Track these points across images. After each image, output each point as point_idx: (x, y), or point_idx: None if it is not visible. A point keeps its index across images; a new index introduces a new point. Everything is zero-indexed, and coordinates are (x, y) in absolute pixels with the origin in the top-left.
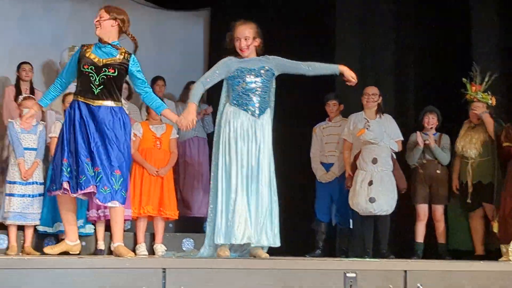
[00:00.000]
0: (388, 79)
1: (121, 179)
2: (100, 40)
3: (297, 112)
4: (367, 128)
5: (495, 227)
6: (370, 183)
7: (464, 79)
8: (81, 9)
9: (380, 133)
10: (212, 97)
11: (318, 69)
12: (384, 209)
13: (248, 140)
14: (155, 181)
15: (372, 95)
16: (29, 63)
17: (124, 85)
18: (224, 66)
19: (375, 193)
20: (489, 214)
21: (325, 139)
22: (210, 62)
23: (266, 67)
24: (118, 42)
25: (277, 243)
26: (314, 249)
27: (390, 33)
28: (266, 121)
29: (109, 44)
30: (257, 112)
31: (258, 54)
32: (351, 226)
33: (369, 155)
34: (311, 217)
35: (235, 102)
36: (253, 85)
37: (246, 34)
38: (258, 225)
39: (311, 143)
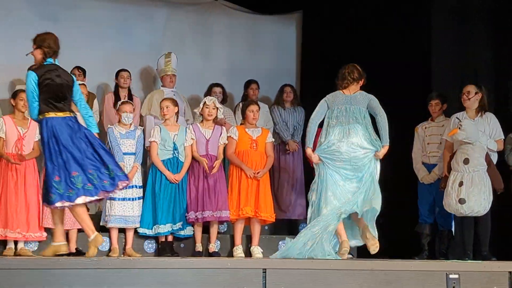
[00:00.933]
0: (488, 75)
1: (80, 177)
2: None
3: (397, 111)
4: (459, 128)
5: None
6: (461, 184)
7: None
8: (176, 16)
9: (474, 132)
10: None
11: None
12: (475, 210)
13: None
14: (251, 183)
15: (466, 93)
16: (127, 70)
17: (219, 89)
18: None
19: (465, 194)
20: None
21: (427, 139)
22: (303, 64)
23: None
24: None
25: None
26: (420, 251)
27: (487, 27)
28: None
29: None
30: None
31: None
32: (452, 229)
33: (461, 156)
34: (409, 218)
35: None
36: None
37: None
38: None
39: (413, 143)
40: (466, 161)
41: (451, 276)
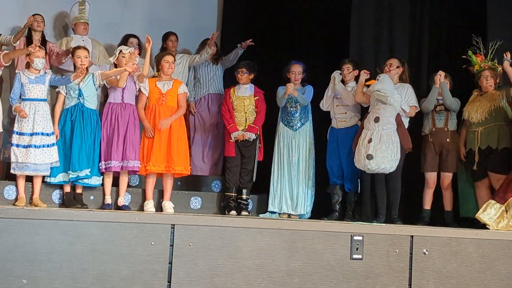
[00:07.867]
0: (402, 50)
1: None
2: None
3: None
4: (377, 79)
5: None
6: (369, 140)
7: (469, 51)
8: None
9: (390, 87)
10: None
11: None
12: (381, 166)
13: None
14: (162, 136)
15: (388, 65)
16: (40, 15)
17: (135, 40)
18: None
19: (373, 150)
20: (494, 183)
21: (336, 102)
22: (224, 16)
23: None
24: None
25: None
26: (331, 212)
27: (406, 6)
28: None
29: None
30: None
31: None
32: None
33: (373, 115)
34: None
35: None
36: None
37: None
38: None
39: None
40: (376, 120)
41: (355, 237)
